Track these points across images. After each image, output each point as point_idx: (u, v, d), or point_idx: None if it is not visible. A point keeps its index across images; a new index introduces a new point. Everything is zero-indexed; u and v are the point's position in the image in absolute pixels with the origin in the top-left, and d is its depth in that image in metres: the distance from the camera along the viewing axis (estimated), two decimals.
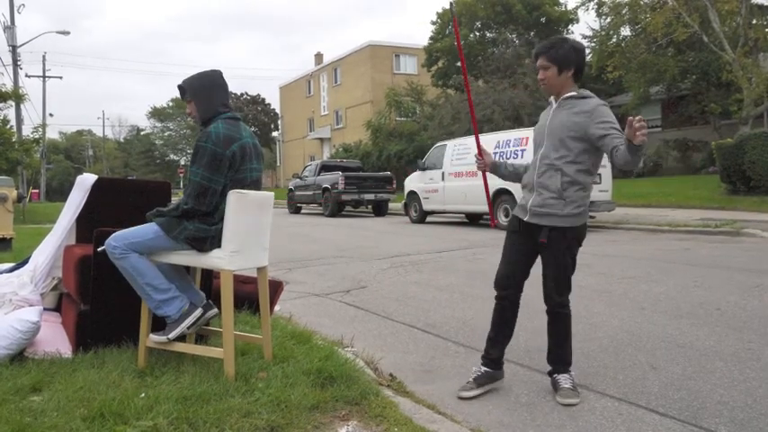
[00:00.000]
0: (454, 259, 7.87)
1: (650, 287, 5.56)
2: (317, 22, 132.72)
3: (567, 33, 30.48)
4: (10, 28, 25.49)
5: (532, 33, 29.49)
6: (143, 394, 2.48)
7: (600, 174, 11.84)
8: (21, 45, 26.43)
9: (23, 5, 25.77)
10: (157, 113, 70.84)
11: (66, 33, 30.33)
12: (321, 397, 2.57)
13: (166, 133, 72.38)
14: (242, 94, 50.41)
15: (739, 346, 3.63)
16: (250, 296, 4.10)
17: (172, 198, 4.02)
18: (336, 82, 41.53)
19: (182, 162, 71.03)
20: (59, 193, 51.52)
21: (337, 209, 18.34)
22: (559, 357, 2.96)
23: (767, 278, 5.86)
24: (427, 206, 14.63)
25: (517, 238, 3.00)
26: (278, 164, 51.18)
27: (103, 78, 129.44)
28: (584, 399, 2.86)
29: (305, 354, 3.11)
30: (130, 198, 3.77)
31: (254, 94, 50.81)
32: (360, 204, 18.83)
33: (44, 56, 38.94)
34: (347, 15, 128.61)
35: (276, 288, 4.33)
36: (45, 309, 3.47)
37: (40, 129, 24.47)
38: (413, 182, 15.26)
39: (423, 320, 4.50)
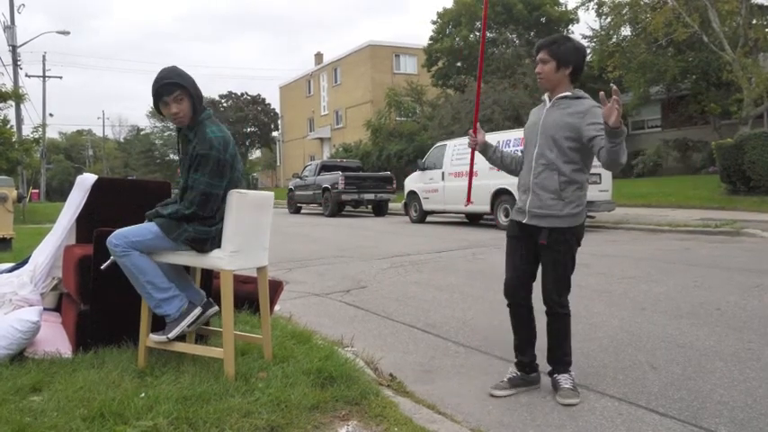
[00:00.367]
0: (454, 259, 7.87)
1: (650, 287, 5.56)
2: (318, 22, 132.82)
3: (568, 33, 30.48)
4: (10, 28, 25.48)
5: (533, 33, 29.48)
6: (143, 394, 2.48)
7: (600, 174, 11.83)
8: (21, 45, 26.43)
9: (23, 5, 25.78)
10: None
11: (66, 33, 30.32)
12: (321, 397, 2.57)
13: (166, 133, 72.32)
14: (242, 94, 50.36)
15: (739, 346, 3.63)
16: (250, 296, 4.10)
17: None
18: (336, 82, 41.53)
19: None
20: (59, 193, 51.53)
21: (337, 209, 18.34)
22: (559, 357, 2.95)
23: (767, 278, 5.86)
24: (427, 206, 14.63)
25: (517, 243, 2.99)
26: (278, 164, 51.16)
27: (104, 78, 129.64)
28: (584, 399, 2.86)
29: (305, 354, 3.11)
30: (130, 198, 3.77)
31: (254, 94, 50.77)
32: (360, 204, 18.83)
33: (44, 56, 38.99)
34: (348, 15, 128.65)
35: (276, 288, 4.33)
36: (45, 309, 3.47)
37: (40, 129, 24.48)
38: (413, 182, 15.26)
39: (423, 320, 4.50)
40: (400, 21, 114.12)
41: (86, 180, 3.63)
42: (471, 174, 3.69)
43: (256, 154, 57.99)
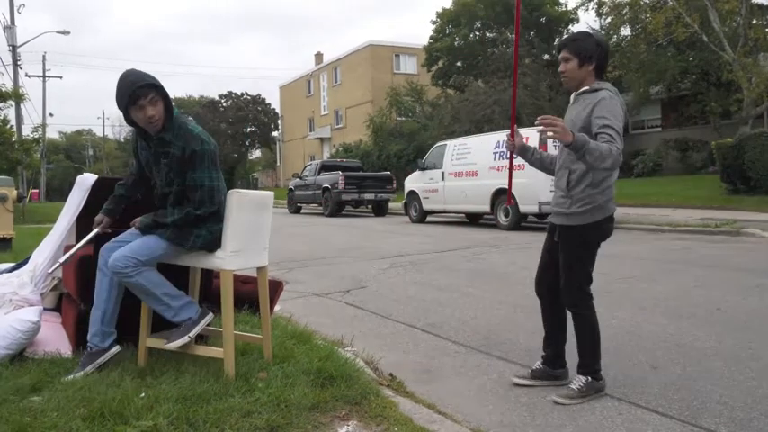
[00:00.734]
0: (454, 259, 7.87)
1: (650, 287, 5.56)
2: (319, 23, 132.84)
3: (568, 33, 30.47)
4: (10, 28, 25.48)
5: (532, 33, 29.47)
6: (143, 394, 2.48)
7: None
8: (21, 45, 26.43)
9: (23, 5, 25.78)
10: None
11: (65, 33, 30.32)
12: (321, 397, 2.57)
13: None
14: (242, 94, 50.35)
15: (739, 346, 3.63)
16: (250, 296, 4.10)
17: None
18: (336, 82, 41.53)
19: None
20: (59, 193, 51.51)
21: (337, 209, 18.34)
22: (579, 356, 2.94)
23: (767, 278, 5.86)
24: (427, 206, 14.63)
25: (546, 239, 3.06)
26: (278, 164, 51.17)
27: (105, 78, 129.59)
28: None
29: (305, 353, 3.11)
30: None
31: (254, 94, 50.78)
32: (360, 204, 18.84)
33: (44, 56, 38.98)
34: (350, 16, 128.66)
35: (276, 288, 4.33)
36: (45, 309, 3.47)
37: (40, 129, 24.47)
38: (413, 182, 15.27)
39: (423, 320, 4.50)
40: (400, 21, 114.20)
41: (86, 180, 3.63)
42: (511, 175, 3.51)
43: (256, 154, 58.01)
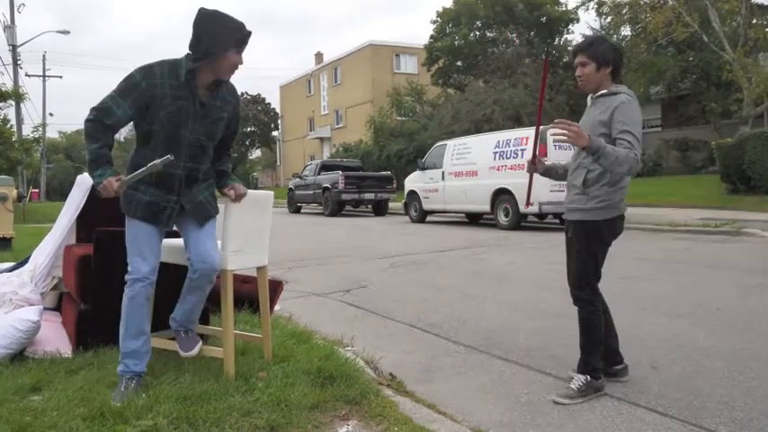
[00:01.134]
0: (454, 259, 7.87)
1: (650, 287, 5.56)
2: (320, 23, 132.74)
3: (568, 33, 30.48)
4: (10, 27, 25.48)
5: (533, 33, 29.47)
6: (143, 394, 2.48)
7: None
8: (21, 44, 26.42)
9: (23, 5, 25.77)
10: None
11: (66, 33, 30.32)
12: (321, 396, 2.57)
13: None
14: (242, 94, 50.35)
15: (739, 346, 3.63)
16: (250, 296, 4.10)
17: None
18: (336, 81, 41.52)
19: None
20: (59, 193, 51.51)
21: (337, 208, 18.34)
22: (581, 353, 2.93)
23: (767, 277, 5.87)
24: (427, 206, 14.63)
25: (566, 241, 3.06)
26: (278, 163, 51.17)
27: (105, 77, 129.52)
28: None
29: (305, 353, 3.11)
30: None
31: (254, 94, 50.76)
32: (360, 204, 18.84)
33: (44, 55, 38.97)
34: (350, 16, 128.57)
35: (276, 287, 4.33)
36: (45, 308, 3.47)
37: (40, 128, 24.48)
38: (413, 181, 15.26)
39: (423, 320, 4.50)
40: (401, 20, 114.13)
41: (86, 180, 3.63)
42: (531, 183, 3.39)
43: (256, 154, 58.01)
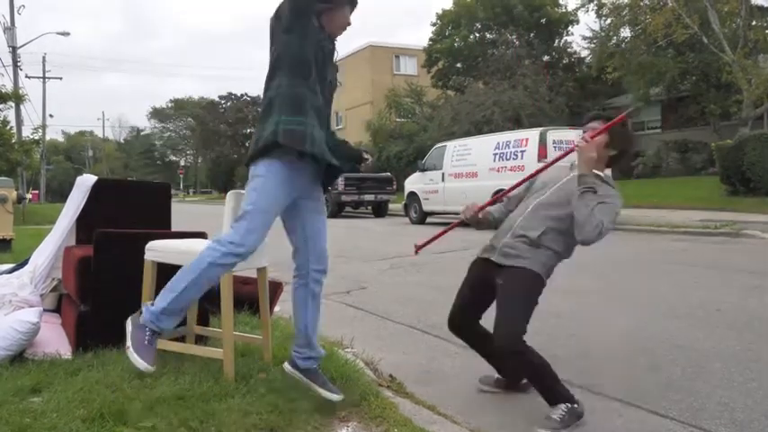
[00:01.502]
0: (454, 260, 7.86)
1: (650, 288, 5.56)
2: None
3: (568, 34, 30.51)
4: (10, 29, 25.49)
5: (532, 35, 29.49)
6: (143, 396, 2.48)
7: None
8: (21, 46, 26.45)
9: (23, 6, 25.79)
10: (157, 114, 70.86)
11: (65, 34, 30.36)
12: (321, 398, 2.57)
13: (166, 134, 72.42)
14: (242, 95, 50.39)
15: (739, 347, 3.62)
16: (250, 297, 4.10)
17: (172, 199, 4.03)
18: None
19: (181, 163, 71.14)
20: (59, 195, 51.55)
21: (337, 209, 18.33)
22: (543, 396, 2.63)
23: (767, 279, 5.87)
24: (427, 207, 14.63)
25: (472, 276, 3.05)
26: None
27: (105, 79, 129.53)
28: (584, 399, 2.85)
29: None
30: (130, 199, 3.77)
31: (254, 95, 50.76)
32: (360, 205, 18.84)
33: (44, 57, 38.91)
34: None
35: (276, 289, 4.33)
36: (45, 310, 3.46)
37: (40, 130, 24.48)
38: (413, 183, 15.27)
39: (423, 321, 4.50)
40: (401, 21, 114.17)
41: (86, 181, 3.63)
42: (442, 234, 3.38)
43: None
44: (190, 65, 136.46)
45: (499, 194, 3.23)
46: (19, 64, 26.40)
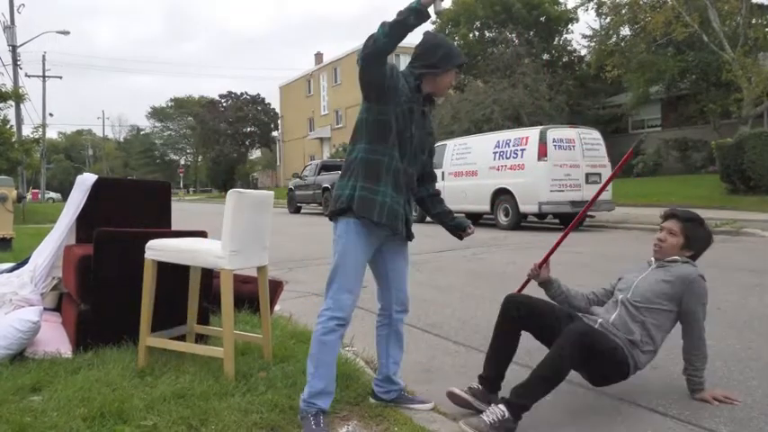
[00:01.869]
0: (454, 259, 7.86)
1: None
2: (319, 22, 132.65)
3: (567, 33, 30.46)
4: (10, 28, 25.48)
5: (532, 33, 29.47)
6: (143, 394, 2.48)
7: (600, 174, 11.86)
8: (21, 45, 26.43)
9: (23, 5, 25.76)
10: (157, 113, 70.85)
11: (65, 33, 30.33)
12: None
13: (166, 133, 72.39)
14: (242, 94, 50.32)
15: (739, 346, 3.63)
16: (250, 296, 4.10)
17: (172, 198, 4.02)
18: (336, 82, 41.53)
19: (181, 162, 71.12)
20: (59, 194, 51.53)
21: None
22: (524, 384, 2.55)
23: (767, 278, 5.86)
24: None
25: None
26: (278, 164, 51.17)
27: (105, 78, 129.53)
28: (584, 398, 2.85)
29: (305, 353, 3.08)
30: (130, 198, 3.77)
31: (253, 94, 50.75)
32: None
33: (44, 55, 38.86)
34: (350, 15, 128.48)
35: (276, 288, 4.33)
36: (45, 309, 3.47)
37: (40, 129, 24.47)
38: None
39: (422, 320, 4.50)
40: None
41: (86, 180, 3.64)
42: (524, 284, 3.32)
43: (256, 154, 58.01)
44: (189, 63, 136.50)
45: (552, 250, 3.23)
46: (19, 63, 26.40)
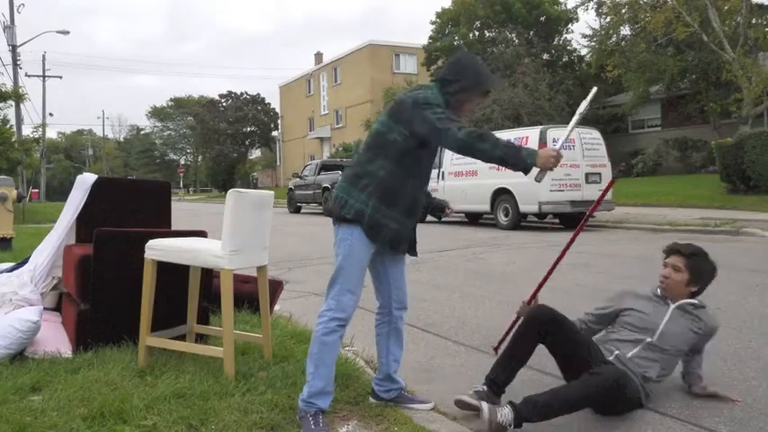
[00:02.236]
0: (454, 259, 7.87)
1: (650, 286, 5.55)
2: (318, 21, 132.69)
3: (567, 32, 30.44)
4: (10, 27, 25.48)
5: (532, 33, 29.47)
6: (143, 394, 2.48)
7: (600, 173, 11.89)
8: (21, 44, 26.43)
9: (23, 5, 25.77)
10: (157, 113, 70.84)
11: (65, 33, 30.33)
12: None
13: (166, 133, 72.40)
14: (242, 94, 50.29)
15: (739, 345, 3.63)
16: (250, 295, 4.10)
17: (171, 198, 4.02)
18: (336, 81, 41.52)
19: (181, 161, 71.15)
20: (59, 193, 51.54)
21: None
22: (546, 400, 2.45)
23: (767, 277, 5.87)
24: None
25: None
26: (278, 163, 51.16)
27: (105, 78, 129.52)
28: None
29: (305, 353, 3.08)
30: (130, 198, 3.77)
31: (253, 94, 50.72)
32: None
33: (44, 55, 38.78)
34: (350, 15, 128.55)
35: (276, 287, 4.33)
36: (45, 308, 3.47)
37: (40, 128, 24.49)
38: None
39: (422, 320, 4.50)
40: (401, 21, 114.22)
41: (86, 180, 3.63)
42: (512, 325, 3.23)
43: (256, 153, 58.03)
44: (189, 63, 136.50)
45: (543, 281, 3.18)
46: (19, 62, 26.40)
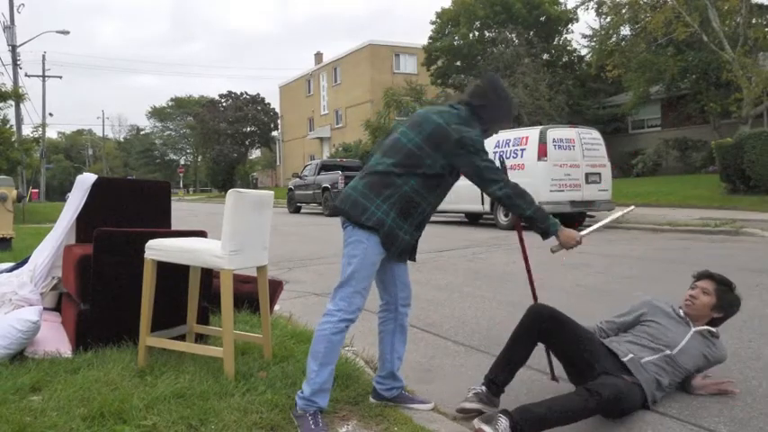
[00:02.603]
0: (454, 259, 7.87)
1: (650, 287, 5.56)
2: (318, 21, 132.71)
3: (567, 32, 30.45)
4: (10, 28, 25.48)
5: (532, 33, 29.46)
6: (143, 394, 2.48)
7: (600, 173, 11.88)
8: (21, 44, 26.44)
9: (23, 5, 25.78)
10: (157, 113, 70.85)
11: (65, 33, 30.34)
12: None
13: (166, 133, 72.42)
14: (241, 94, 50.30)
15: (739, 345, 3.63)
16: (250, 296, 4.10)
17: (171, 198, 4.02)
18: (336, 81, 41.52)
19: (181, 161, 71.16)
20: (59, 193, 51.52)
21: None
22: (541, 414, 2.35)
23: (767, 277, 5.87)
24: None
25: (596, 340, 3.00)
26: (278, 163, 51.16)
27: (105, 78, 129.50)
28: None
29: (305, 353, 3.09)
30: (130, 198, 3.77)
31: (253, 94, 50.72)
32: None
33: (43, 55, 38.82)
34: (350, 15, 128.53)
35: (276, 287, 4.33)
36: (45, 308, 3.47)
37: (40, 128, 24.49)
38: None
39: (422, 320, 4.50)
40: (401, 21, 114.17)
41: (86, 180, 3.63)
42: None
43: (256, 153, 58.05)
44: (189, 63, 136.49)
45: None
46: (19, 62, 26.41)
